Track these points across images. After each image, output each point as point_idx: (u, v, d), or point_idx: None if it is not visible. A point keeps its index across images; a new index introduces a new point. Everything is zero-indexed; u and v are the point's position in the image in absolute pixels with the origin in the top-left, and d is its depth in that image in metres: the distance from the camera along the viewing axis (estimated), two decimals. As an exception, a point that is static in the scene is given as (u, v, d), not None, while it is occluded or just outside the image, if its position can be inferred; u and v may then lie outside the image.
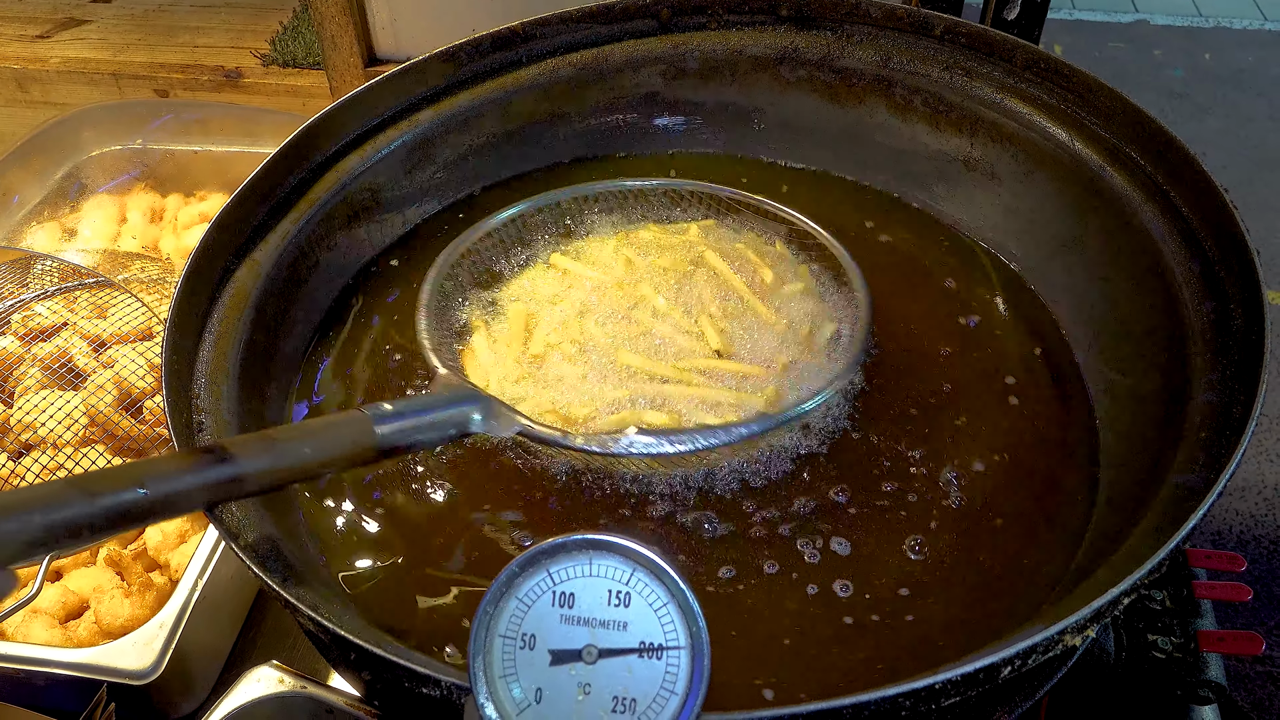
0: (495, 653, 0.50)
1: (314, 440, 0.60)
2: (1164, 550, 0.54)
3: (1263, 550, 2.34)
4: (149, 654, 0.84)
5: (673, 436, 0.69)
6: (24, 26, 1.57)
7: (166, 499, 0.53)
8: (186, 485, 0.54)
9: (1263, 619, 2.22)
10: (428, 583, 0.74)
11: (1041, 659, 0.54)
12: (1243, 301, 0.69)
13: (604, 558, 0.51)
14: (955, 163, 0.95)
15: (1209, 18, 4.07)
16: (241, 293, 0.83)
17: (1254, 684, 2.12)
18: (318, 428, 0.62)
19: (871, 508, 0.75)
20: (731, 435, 0.70)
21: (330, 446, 0.60)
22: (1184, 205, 0.77)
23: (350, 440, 0.61)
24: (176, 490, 0.53)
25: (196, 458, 0.55)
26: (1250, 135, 3.44)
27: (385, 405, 0.64)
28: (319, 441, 0.60)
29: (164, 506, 0.53)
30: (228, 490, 0.56)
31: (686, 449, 0.69)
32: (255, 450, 0.57)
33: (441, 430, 0.66)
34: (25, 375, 1.09)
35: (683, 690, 0.50)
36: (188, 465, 0.54)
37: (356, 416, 0.62)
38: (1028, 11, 1.04)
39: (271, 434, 0.59)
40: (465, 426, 0.68)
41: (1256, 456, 2.51)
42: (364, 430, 0.62)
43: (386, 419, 0.63)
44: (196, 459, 0.55)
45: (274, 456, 0.58)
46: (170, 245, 1.24)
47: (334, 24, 1.29)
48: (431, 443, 0.67)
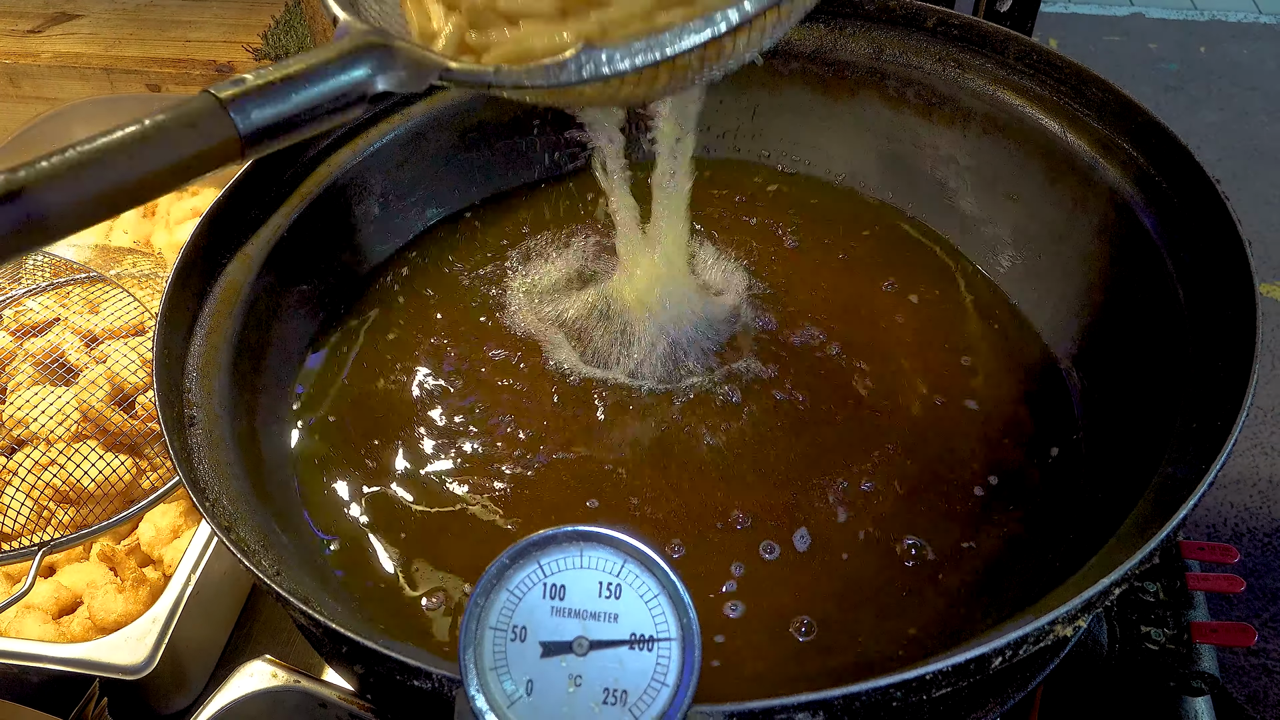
0: (486, 645, 0.50)
1: (144, 148, 0.46)
2: (1154, 541, 0.54)
3: (1257, 543, 2.35)
4: (142, 649, 0.84)
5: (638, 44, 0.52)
6: (15, 21, 1.57)
7: None
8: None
9: (1257, 611, 2.23)
10: (426, 572, 0.74)
11: (1033, 649, 0.54)
12: (1234, 293, 0.69)
13: (595, 549, 0.51)
14: (947, 155, 0.95)
15: (1204, 11, 4.07)
16: (233, 287, 0.83)
17: (1249, 676, 2.12)
18: (148, 129, 0.47)
19: (856, 493, 0.76)
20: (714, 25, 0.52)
21: (171, 152, 0.47)
22: (1176, 196, 0.77)
23: (197, 138, 0.47)
24: None
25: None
26: (1245, 128, 3.44)
27: (247, 78, 0.49)
28: (153, 149, 0.47)
29: None
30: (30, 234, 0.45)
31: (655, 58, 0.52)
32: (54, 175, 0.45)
33: (333, 101, 0.52)
34: (17, 371, 1.08)
35: (674, 681, 0.50)
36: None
37: (202, 105, 0.48)
38: (1020, 3, 1.04)
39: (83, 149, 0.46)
40: (366, 88, 0.53)
41: (1252, 450, 2.52)
42: (217, 121, 0.48)
43: (245, 101, 0.48)
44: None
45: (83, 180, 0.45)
46: (162, 240, 1.24)
47: (325, 18, 1.28)
48: (321, 118, 0.52)
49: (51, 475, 0.98)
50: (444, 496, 0.78)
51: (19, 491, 0.98)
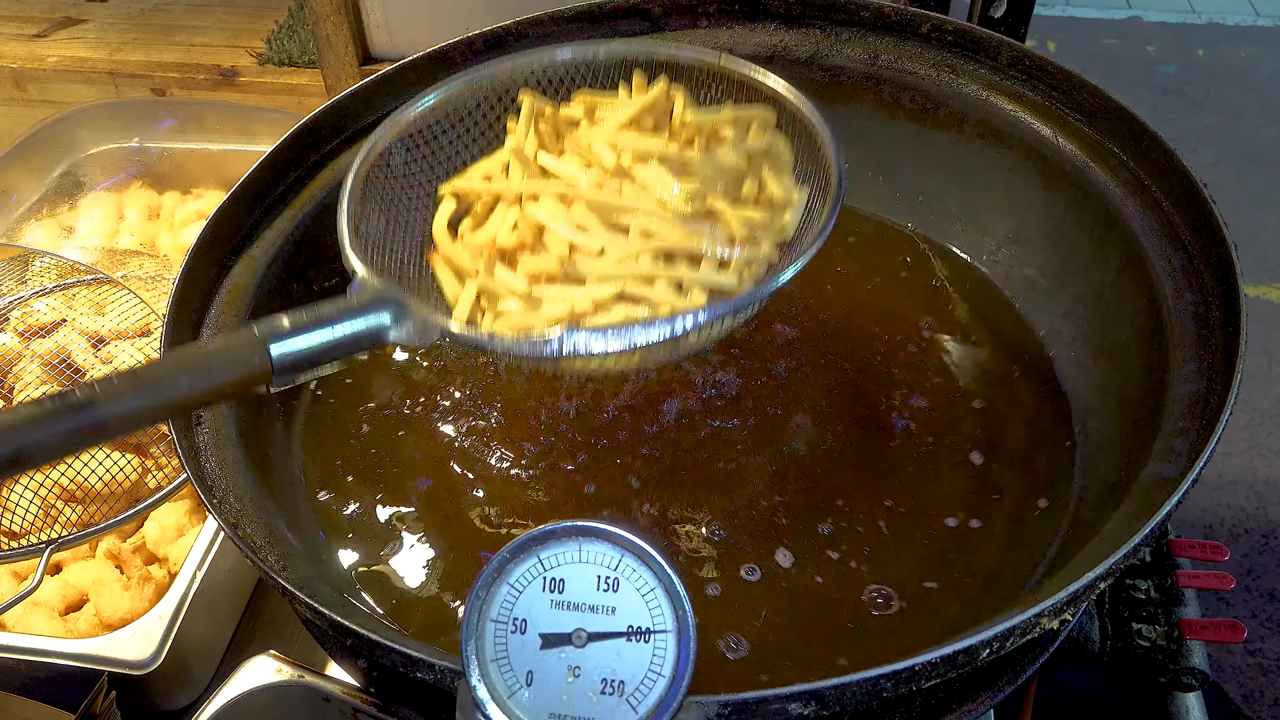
0: (487, 637, 0.52)
1: (193, 372, 0.54)
2: (1139, 535, 0.55)
3: (1254, 544, 2.36)
4: (148, 645, 0.86)
5: (609, 332, 0.60)
6: (21, 26, 1.58)
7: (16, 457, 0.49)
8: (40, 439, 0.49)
9: (1254, 611, 2.24)
10: (429, 569, 0.75)
11: (1020, 641, 0.55)
12: (1221, 293, 0.70)
13: (593, 544, 0.52)
14: (942, 159, 0.97)
15: (1202, 14, 4.09)
16: (239, 289, 0.84)
17: (1245, 675, 2.13)
18: (197, 356, 0.55)
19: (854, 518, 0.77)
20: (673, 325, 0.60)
21: (213, 376, 0.54)
22: (1165, 200, 0.78)
23: (239, 367, 0.55)
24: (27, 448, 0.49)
25: (48, 407, 0.50)
26: (1243, 131, 3.46)
27: (282, 320, 0.57)
28: (199, 372, 0.54)
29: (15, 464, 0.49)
30: (90, 436, 0.51)
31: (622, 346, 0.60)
32: (119, 391, 0.51)
33: (350, 344, 0.60)
34: (24, 372, 1.10)
35: (670, 672, 0.51)
36: (41, 417, 0.49)
37: (247, 339, 0.56)
38: (1014, 9, 1.05)
39: (142, 370, 0.53)
40: (379, 338, 0.61)
41: (1248, 450, 2.53)
42: (255, 353, 0.55)
43: (282, 338, 0.56)
44: (48, 409, 0.50)
45: (143, 396, 0.52)
46: (168, 243, 1.26)
47: (329, 23, 1.30)
48: (340, 358, 0.60)
49: (58, 474, 1.00)
50: (449, 493, 0.80)
51: (26, 490, 0.99)
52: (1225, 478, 2.49)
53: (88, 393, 0.50)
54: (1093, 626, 0.91)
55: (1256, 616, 2.24)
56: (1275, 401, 2.63)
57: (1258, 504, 2.43)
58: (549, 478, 0.80)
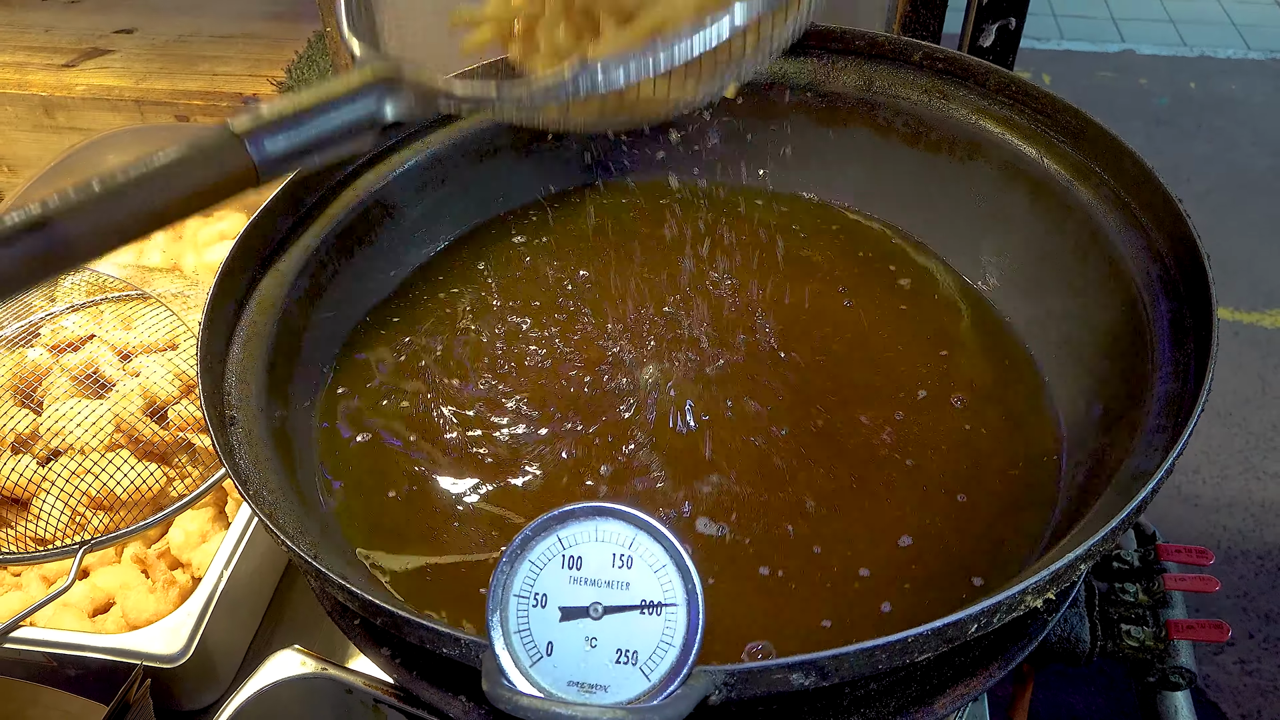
0: (510, 610, 0.56)
1: (162, 180, 0.50)
2: (1115, 520, 0.59)
3: (1250, 565, 2.39)
4: (177, 640, 0.90)
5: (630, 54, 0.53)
6: (50, 56, 1.64)
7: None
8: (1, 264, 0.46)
9: (1251, 632, 2.27)
10: (444, 565, 0.79)
11: (1006, 618, 0.59)
12: (1194, 301, 0.75)
13: (609, 523, 0.56)
14: (933, 179, 1.02)
15: (1193, 47, 4.17)
16: (268, 299, 0.89)
17: (1242, 695, 2.16)
18: (166, 163, 0.50)
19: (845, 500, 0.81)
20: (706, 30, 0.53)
21: (186, 179, 0.50)
22: (1143, 215, 0.83)
23: (217, 169, 0.51)
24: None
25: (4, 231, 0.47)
26: (1235, 160, 3.52)
27: (261, 110, 0.52)
28: (170, 180, 0.50)
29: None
30: (57, 259, 0.48)
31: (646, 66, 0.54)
32: (78, 205, 0.48)
33: (344, 131, 0.55)
34: (54, 385, 1.14)
35: (680, 643, 0.55)
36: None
37: (219, 136, 0.51)
38: (1002, 39, 1.11)
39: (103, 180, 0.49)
40: (376, 118, 0.56)
41: (1243, 474, 2.57)
42: (232, 153, 0.51)
43: (262, 133, 0.52)
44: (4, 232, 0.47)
45: (108, 208, 0.48)
46: (192, 262, 1.30)
47: (347, 54, 1.35)
48: (335, 148, 0.55)
49: (87, 484, 1.04)
50: (468, 492, 0.84)
51: (56, 499, 1.03)
52: (1221, 500, 2.52)
53: (42, 210, 0.46)
54: (1083, 627, 0.94)
55: (1254, 637, 2.26)
56: (1270, 426, 2.67)
57: (1254, 526, 2.46)
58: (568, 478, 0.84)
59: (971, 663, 0.70)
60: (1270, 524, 2.47)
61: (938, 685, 0.69)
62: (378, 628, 0.71)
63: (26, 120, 1.57)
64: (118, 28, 1.73)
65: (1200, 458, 2.59)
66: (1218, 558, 2.39)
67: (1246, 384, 2.79)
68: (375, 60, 0.58)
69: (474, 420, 0.89)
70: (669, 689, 0.54)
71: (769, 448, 0.85)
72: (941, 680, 0.69)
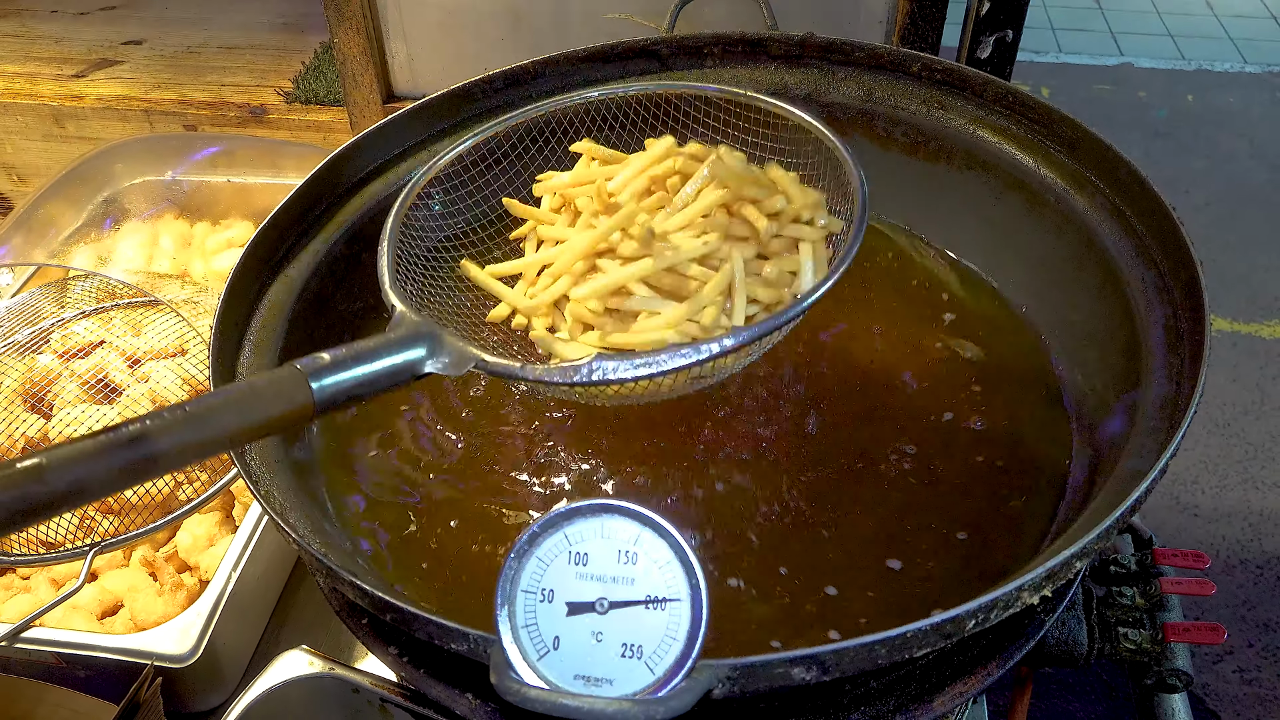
0: (518, 605, 0.57)
1: (238, 407, 0.56)
2: (1110, 519, 0.60)
3: (1249, 575, 2.40)
4: (187, 640, 0.91)
5: (637, 360, 0.63)
6: (60, 67, 1.66)
7: (72, 488, 0.50)
8: (94, 473, 0.51)
9: (1250, 641, 2.27)
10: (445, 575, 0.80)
11: (1003, 614, 0.60)
12: (1188, 307, 0.76)
13: (615, 520, 0.57)
14: (932, 188, 1.03)
15: (1191, 60, 4.20)
16: (276, 304, 0.90)
17: (1242, 704, 2.16)
18: (243, 393, 0.57)
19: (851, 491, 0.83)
20: (700, 353, 0.63)
21: (259, 411, 0.56)
22: (1138, 223, 0.85)
23: (283, 402, 0.57)
24: (82, 479, 0.50)
25: (102, 442, 0.51)
26: (1232, 173, 3.54)
27: (323, 356, 0.60)
28: (245, 408, 0.56)
29: (71, 496, 0.50)
30: (143, 470, 0.53)
31: (649, 373, 0.63)
32: (170, 426, 0.53)
33: (389, 377, 0.63)
34: (64, 390, 1.16)
35: (684, 637, 0.56)
36: (93, 451, 0.51)
37: (289, 374, 0.58)
38: (999, 51, 1.13)
39: (191, 406, 0.55)
40: (416, 369, 0.64)
41: (1242, 484, 2.58)
42: (298, 389, 0.58)
43: (323, 373, 0.59)
44: (102, 444, 0.51)
45: (192, 430, 0.54)
46: (200, 269, 1.32)
47: (355, 64, 1.38)
48: (379, 390, 0.63)
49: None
50: (467, 500, 0.85)
51: (66, 501, 1.04)
52: (1220, 510, 2.53)
53: (140, 428, 0.52)
54: (1081, 630, 0.95)
55: (1253, 646, 2.27)
56: (1268, 436, 2.68)
57: (1252, 536, 2.47)
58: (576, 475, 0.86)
59: (970, 661, 0.71)
60: (1269, 533, 2.48)
61: (936, 684, 0.71)
62: (386, 626, 0.72)
63: (37, 129, 1.59)
64: (127, 39, 1.75)
65: (1199, 468, 2.60)
66: (1217, 567, 2.41)
67: (1245, 394, 2.80)
68: (413, 319, 0.68)
69: (479, 426, 0.91)
70: (673, 682, 0.55)
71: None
72: (940, 679, 0.71)
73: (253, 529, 1.02)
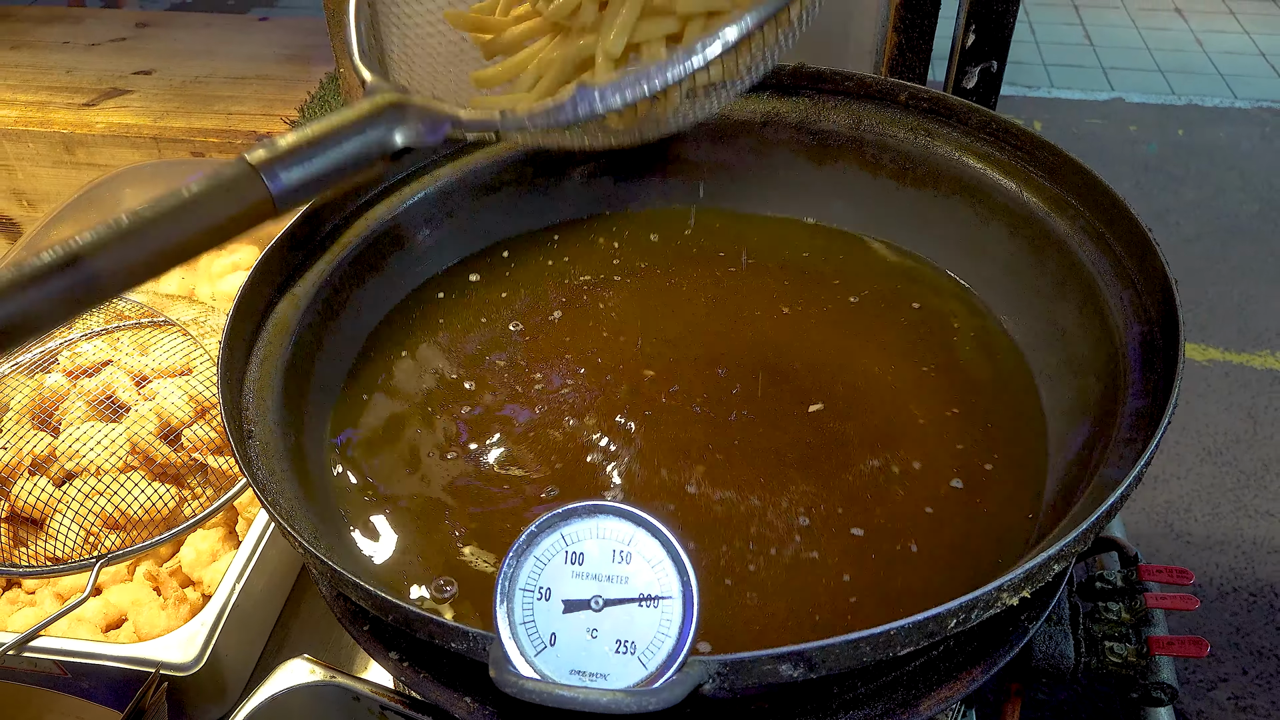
0: (516, 603, 0.59)
1: (183, 216, 0.51)
2: (1086, 523, 0.63)
3: (1242, 601, 2.41)
4: (191, 649, 0.93)
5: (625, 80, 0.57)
6: (72, 96, 1.70)
7: (10, 323, 0.47)
8: (32, 303, 0.47)
9: (1244, 669, 2.28)
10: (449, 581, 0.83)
11: (984, 615, 0.62)
12: (1163, 323, 0.79)
13: (610, 521, 0.60)
14: (919, 212, 1.06)
15: (1181, 95, 4.27)
16: (283, 322, 0.93)
17: (1237, 731, 2.17)
18: (187, 199, 0.52)
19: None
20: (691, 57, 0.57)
21: (206, 217, 0.52)
22: (1116, 244, 0.88)
23: (234, 202, 0.52)
24: (18, 312, 0.47)
25: (36, 268, 0.48)
26: (1223, 206, 3.59)
27: (276, 142, 0.54)
28: (191, 215, 0.51)
29: (14, 331, 0.47)
30: (86, 295, 0.49)
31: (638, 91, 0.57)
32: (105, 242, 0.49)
33: (356, 160, 0.57)
34: (71, 408, 1.18)
35: (675, 634, 0.58)
36: (26, 279, 0.47)
37: (236, 170, 0.53)
38: (985, 81, 1.17)
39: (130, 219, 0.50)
40: (386, 145, 0.59)
41: (1235, 512, 2.60)
42: (250, 185, 0.53)
43: (277, 164, 0.54)
44: (36, 269, 0.48)
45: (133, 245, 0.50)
46: (206, 291, 1.35)
47: (360, 93, 1.41)
48: (348, 175, 0.58)
49: (101, 504, 1.07)
50: (471, 510, 0.87)
51: (71, 519, 1.07)
52: (1213, 538, 2.55)
53: (72, 249, 0.48)
54: (1068, 644, 0.98)
55: (1247, 673, 2.28)
56: (1260, 464, 2.70)
57: (1245, 563, 2.49)
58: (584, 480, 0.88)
59: (955, 667, 0.73)
60: (1262, 561, 2.50)
61: (923, 689, 0.73)
62: (387, 632, 0.74)
63: (47, 156, 1.62)
64: (137, 69, 1.79)
65: (1192, 496, 2.62)
66: (1210, 594, 2.43)
67: (1237, 423, 2.82)
68: (384, 88, 0.61)
69: (481, 438, 0.93)
70: (665, 676, 0.57)
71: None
72: (927, 684, 0.73)
73: (255, 544, 1.04)
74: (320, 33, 1.83)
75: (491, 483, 0.89)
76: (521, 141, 0.72)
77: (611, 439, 0.92)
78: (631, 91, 0.57)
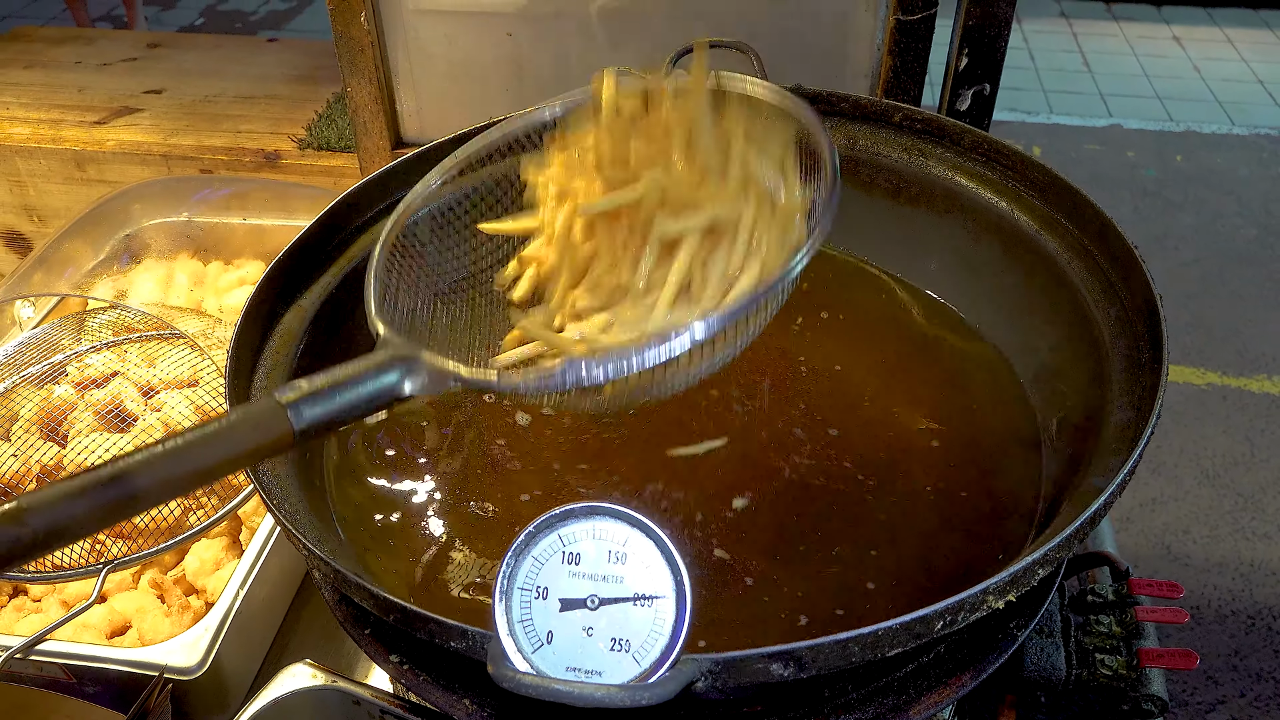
0: (515, 601, 0.61)
1: (217, 442, 0.56)
2: (1071, 528, 0.65)
3: (1240, 624, 2.42)
4: (195, 654, 0.94)
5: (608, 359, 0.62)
6: (83, 114, 1.73)
7: (53, 530, 0.50)
8: (75, 513, 0.51)
9: (1243, 690, 2.29)
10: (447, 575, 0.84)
11: (970, 617, 0.64)
12: (1149, 339, 0.81)
13: (606, 522, 0.62)
14: (913, 231, 1.09)
15: (1179, 122, 4.31)
16: (289, 334, 0.95)
17: (1235, 754, 2.17)
18: (221, 428, 0.57)
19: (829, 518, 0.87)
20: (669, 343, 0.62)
21: (237, 445, 0.57)
22: (1103, 261, 0.90)
23: (261, 434, 0.58)
24: (62, 520, 0.51)
25: (82, 483, 0.52)
26: (1221, 231, 3.62)
27: (302, 384, 0.60)
28: (223, 442, 0.57)
29: (52, 537, 0.51)
30: (125, 507, 0.53)
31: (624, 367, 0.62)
32: (148, 464, 0.54)
33: (368, 403, 0.63)
34: (79, 419, 1.20)
35: (668, 632, 0.60)
36: (73, 492, 0.51)
37: (267, 406, 0.59)
38: (977, 103, 1.19)
39: (170, 443, 0.55)
40: (396, 392, 0.65)
41: (1233, 535, 2.61)
42: (276, 420, 0.58)
43: (302, 403, 0.59)
44: (82, 484, 0.52)
45: (170, 466, 0.54)
46: (213, 306, 1.37)
47: (366, 112, 1.44)
48: (360, 416, 0.63)
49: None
50: (466, 520, 0.89)
51: (79, 525, 1.08)
52: (1211, 561, 2.56)
53: (119, 467, 0.52)
54: (1059, 656, 0.99)
55: (1245, 696, 2.28)
56: (1257, 487, 2.72)
57: (1243, 586, 2.49)
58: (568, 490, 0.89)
59: (945, 673, 0.75)
60: (1260, 583, 2.50)
61: (914, 694, 0.74)
62: (388, 634, 0.76)
63: (59, 173, 1.65)
64: (147, 89, 1.83)
65: (1190, 518, 2.63)
66: (1208, 616, 2.43)
67: (1235, 446, 2.84)
68: (396, 342, 0.68)
69: (482, 448, 0.95)
70: (658, 673, 0.59)
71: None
72: (918, 689, 0.74)
73: (259, 552, 1.05)
74: (328, 54, 1.86)
75: (494, 486, 0.91)
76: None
77: (608, 431, 0.94)
78: (614, 368, 0.62)
